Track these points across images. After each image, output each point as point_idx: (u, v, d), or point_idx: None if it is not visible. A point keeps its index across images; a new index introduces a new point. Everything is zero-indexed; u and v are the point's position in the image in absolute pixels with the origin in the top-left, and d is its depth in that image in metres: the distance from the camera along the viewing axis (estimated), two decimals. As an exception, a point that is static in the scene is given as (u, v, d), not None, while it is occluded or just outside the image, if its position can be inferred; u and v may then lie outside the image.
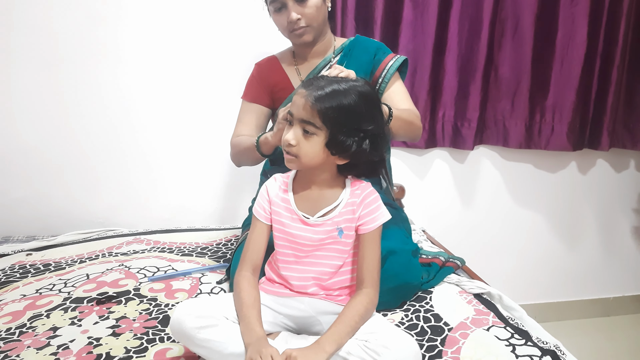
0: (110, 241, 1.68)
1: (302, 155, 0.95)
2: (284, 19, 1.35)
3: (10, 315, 1.17)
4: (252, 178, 1.66)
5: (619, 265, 2.45)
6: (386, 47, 1.47)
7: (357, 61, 1.41)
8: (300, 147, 0.94)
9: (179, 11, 1.82)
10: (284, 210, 1.02)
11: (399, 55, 1.44)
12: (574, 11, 1.97)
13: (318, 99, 0.92)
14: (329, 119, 0.92)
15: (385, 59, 1.42)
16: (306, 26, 1.35)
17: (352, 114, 0.93)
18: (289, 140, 0.94)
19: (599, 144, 2.12)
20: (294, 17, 1.32)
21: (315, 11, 1.34)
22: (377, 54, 1.43)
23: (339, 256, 1.02)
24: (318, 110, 0.91)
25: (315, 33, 1.39)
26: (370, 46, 1.45)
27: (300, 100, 0.93)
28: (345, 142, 0.93)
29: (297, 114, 0.94)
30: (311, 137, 0.94)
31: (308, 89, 0.94)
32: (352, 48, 1.44)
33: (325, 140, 0.94)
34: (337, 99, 0.92)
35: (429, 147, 2.08)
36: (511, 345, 1.03)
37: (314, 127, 0.93)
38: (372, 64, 1.42)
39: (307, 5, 1.32)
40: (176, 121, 1.91)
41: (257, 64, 1.53)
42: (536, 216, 2.30)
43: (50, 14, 1.73)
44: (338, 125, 0.92)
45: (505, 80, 2.03)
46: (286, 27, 1.36)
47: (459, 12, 1.91)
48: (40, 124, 1.81)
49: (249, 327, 0.90)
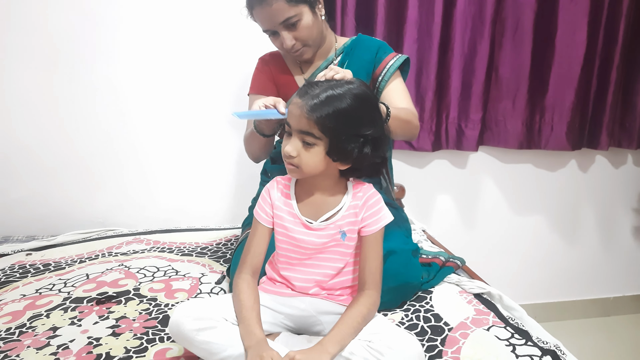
0: (110, 241, 1.68)
1: (304, 166, 0.93)
2: (279, 44, 1.36)
3: (10, 315, 1.17)
4: (252, 178, 1.66)
5: (619, 265, 2.45)
6: (388, 46, 1.46)
7: (358, 60, 1.40)
8: (301, 158, 0.93)
9: (176, 12, 1.82)
10: (287, 214, 1.02)
11: (400, 54, 1.43)
12: (573, 11, 1.97)
13: (314, 109, 0.89)
14: (327, 129, 0.90)
15: (387, 58, 1.41)
16: (303, 47, 1.35)
17: (351, 120, 0.91)
18: (289, 152, 0.92)
19: (598, 144, 2.12)
20: (288, 44, 1.33)
21: (308, 31, 1.33)
22: (378, 53, 1.42)
23: (341, 258, 1.01)
24: (315, 121, 0.89)
25: (314, 48, 1.39)
26: (372, 45, 1.44)
27: (297, 111, 0.91)
28: (346, 149, 0.91)
29: (295, 126, 0.92)
30: (311, 148, 0.92)
31: (303, 98, 0.91)
32: (353, 47, 1.44)
33: (326, 149, 0.92)
34: (333, 106, 0.89)
35: (436, 150, 2.06)
36: (511, 345, 1.03)
37: (313, 137, 0.91)
38: (373, 63, 1.41)
39: (299, 29, 1.31)
40: (176, 121, 1.91)
41: (261, 58, 1.52)
42: (536, 216, 2.30)
43: (49, 14, 1.73)
44: (337, 133, 0.90)
45: (506, 80, 2.03)
46: (283, 49, 1.38)
47: (462, 11, 1.91)
48: (40, 124, 1.81)
49: (249, 330, 0.90)
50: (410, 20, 1.88)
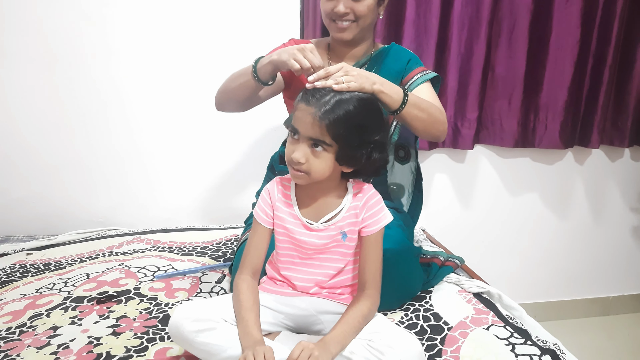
0: (110, 240, 1.68)
1: (313, 172, 0.93)
2: (330, 6, 1.26)
3: (11, 314, 1.17)
4: (252, 178, 1.67)
5: (619, 264, 2.45)
6: (419, 59, 1.40)
7: (388, 69, 1.33)
8: (310, 164, 0.92)
9: (177, 11, 1.82)
10: (288, 215, 1.02)
11: (430, 71, 1.36)
12: (568, 11, 1.98)
13: (326, 116, 0.88)
14: (339, 136, 0.90)
15: (416, 69, 1.34)
16: (351, 22, 1.26)
17: (361, 127, 0.91)
18: (298, 159, 0.91)
19: (589, 142, 2.15)
20: (341, 9, 1.23)
21: (366, 10, 1.25)
22: (409, 63, 1.36)
23: (342, 259, 1.02)
24: (327, 128, 0.89)
25: (357, 34, 1.30)
26: (404, 56, 1.37)
27: (307, 118, 0.90)
28: (356, 155, 0.92)
29: (305, 132, 0.91)
30: (320, 154, 0.92)
31: (313, 105, 0.90)
32: (385, 55, 1.37)
33: (335, 154, 0.92)
34: (344, 112, 0.89)
35: (432, 148, 2.08)
36: (511, 344, 1.03)
37: (324, 144, 0.91)
38: (402, 73, 1.35)
39: (362, 3, 1.24)
40: (176, 120, 1.91)
41: (293, 39, 1.44)
42: (535, 215, 2.30)
43: (50, 13, 1.73)
44: (349, 140, 0.91)
45: (502, 80, 2.04)
46: (329, 14, 1.27)
47: (459, 11, 1.91)
48: (40, 123, 1.81)
49: (247, 331, 0.90)
50: (408, 20, 1.89)
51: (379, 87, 1.02)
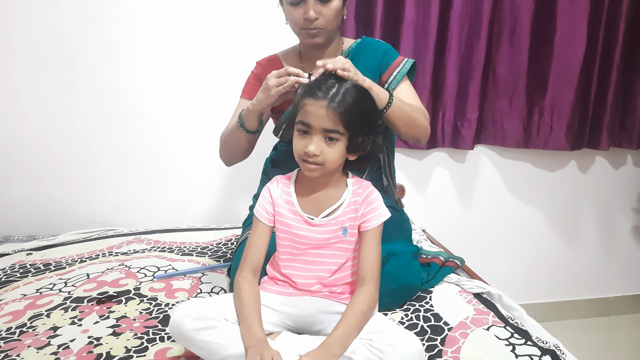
0: (111, 241, 1.68)
1: (328, 162, 0.96)
2: (299, 14, 1.25)
3: (11, 314, 1.17)
4: (252, 177, 1.66)
5: (619, 265, 2.45)
6: (393, 50, 1.42)
7: (365, 66, 1.33)
8: (325, 155, 0.96)
9: (182, 11, 1.82)
10: (288, 211, 1.02)
11: (407, 59, 1.39)
12: (573, 11, 1.97)
13: (340, 106, 0.94)
14: (351, 123, 0.95)
15: (393, 64, 1.37)
16: (321, 28, 1.27)
17: (367, 114, 1.00)
18: (314, 151, 0.94)
19: (599, 144, 2.13)
20: (312, 15, 1.23)
21: (333, 14, 1.26)
22: (384, 58, 1.38)
23: (343, 254, 1.02)
24: (341, 117, 0.94)
25: (328, 36, 1.32)
26: (378, 50, 1.39)
27: (320, 111, 0.94)
28: (364, 142, 0.99)
29: (319, 125, 0.94)
30: (334, 144, 0.96)
31: (323, 98, 0.94)
32: (359, 51, 1.39)
33: (346, 143, 0.97)
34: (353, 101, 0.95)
35: (431, 148, 2.08)
36: (511, 345, 1.03)
37: (338, 133, 0.95)
38: (379, 69, 1.37)
39: (329, 7, 1.25)
40: (176, 121, 1.91)
41: (258, 63, 1.46)
42: (536, 216, 2.30)
43: (53, 13, 1.73)
44: (359, 127, 0.97)
45: (503, 80, 2.04)
46: (299, 23, 1.27)
47: (459, 12, 1.91)
48: (40, 123, 1.81)
49: (249, 330, 0.90)
50: (407, 21, 1.89)
51: (369, 84, 1.11)
